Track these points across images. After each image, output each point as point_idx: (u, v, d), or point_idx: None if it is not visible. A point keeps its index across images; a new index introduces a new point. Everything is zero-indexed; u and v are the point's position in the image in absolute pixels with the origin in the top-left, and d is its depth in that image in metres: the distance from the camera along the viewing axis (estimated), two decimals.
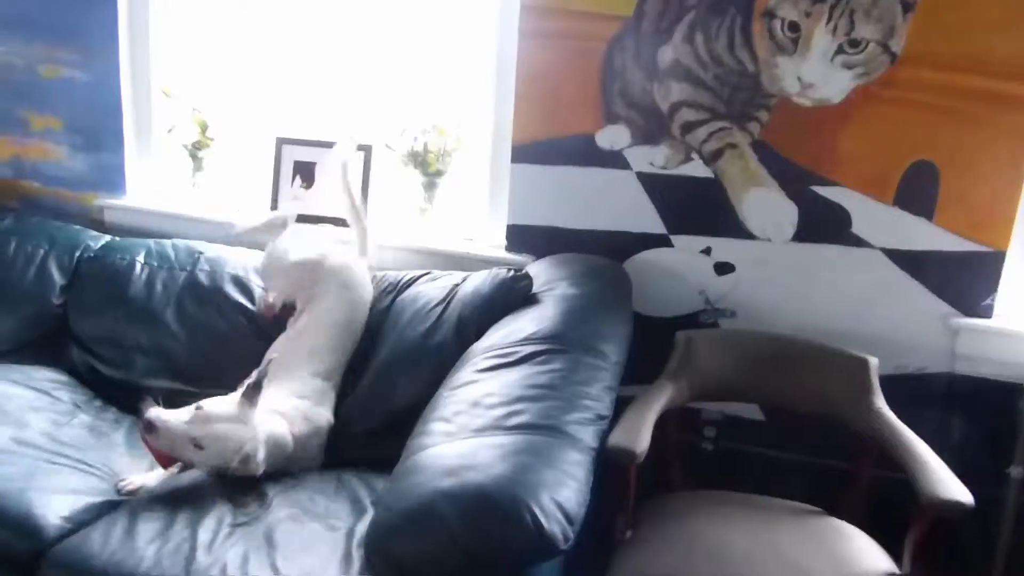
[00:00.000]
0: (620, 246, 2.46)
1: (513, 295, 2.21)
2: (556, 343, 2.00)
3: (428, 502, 1.59)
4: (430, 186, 2.64)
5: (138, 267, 2.56)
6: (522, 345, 2.01)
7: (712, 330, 2.33)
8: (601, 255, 2.42)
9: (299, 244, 2.44)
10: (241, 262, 2.57)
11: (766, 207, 2.34)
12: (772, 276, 2.37)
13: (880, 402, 2.05)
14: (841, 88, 2.21)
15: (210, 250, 2.61)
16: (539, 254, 2.52)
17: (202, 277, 2.52)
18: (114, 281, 2.55)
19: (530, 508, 1.53)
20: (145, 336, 2.47)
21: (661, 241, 2.45)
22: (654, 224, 2.44)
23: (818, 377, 2.13)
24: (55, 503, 1.84)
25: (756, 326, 2.36)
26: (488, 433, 1.74)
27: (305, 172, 2.76)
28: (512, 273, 2.23)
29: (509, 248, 2.58)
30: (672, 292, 2.46)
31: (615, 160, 2.43)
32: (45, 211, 2.93)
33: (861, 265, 2.30)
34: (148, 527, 1.80)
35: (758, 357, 2.18)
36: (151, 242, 2.65)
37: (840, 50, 2.18)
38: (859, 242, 2.29)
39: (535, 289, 2.23)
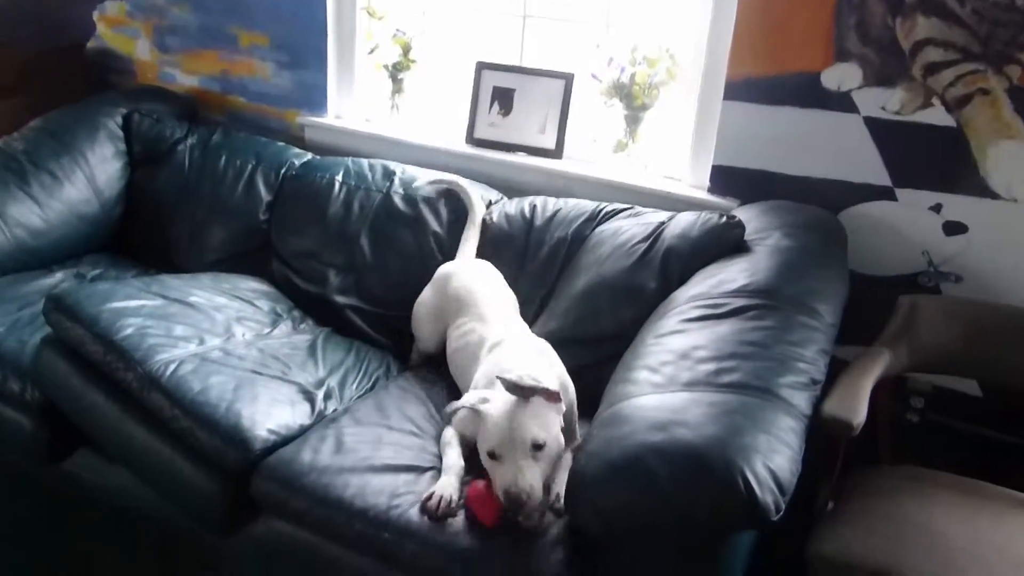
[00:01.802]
0: (836, 196, 2.29)
1: (723, 242, 2.09)
2: (769, 298, 1.89)
3: (635, 456, 1.53)
4: (633, 120, 2.53)
5: (337, 186, 2.60)
6: (733, 297, 1.90)
7: (941, 297, 2.13)
8: (814, 204, 2.27)
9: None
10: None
11: (1016, 163, 2.10)
12: (1011, 240, 2.14)
13: None
14: None
15: (405, 171, 2.61)
16: (744, 199, 2.39)
17: (396, 199, 2.53)
18: (315, 200, 2.60)
19: (743, 474, 1.46)
20: (340, 255, 2.52)
21: (884, 194, 2.25)
22: (878, 175, 2.25)
23: None
24: (260, 415, 1.90)
25: (983, 295, 2.16)
26: (698, 389, 1.66)
27: (504, 99, 2.70)
28: (724, 219, 2.12)
29: (712, 190, 2.44)
30: (890, 249, 2.27)
31: (841, 102, 2.23)
32: (249, 126, 3.01)
33: None
34: (355, 451, 1.85)
35: (991, 331, 1.99)
36: (349, 161, 2.68)
37: None
38: None
39: (745, 237, 2.10)
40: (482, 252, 2.43)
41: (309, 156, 2.76)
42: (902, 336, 2.00)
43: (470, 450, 1.80)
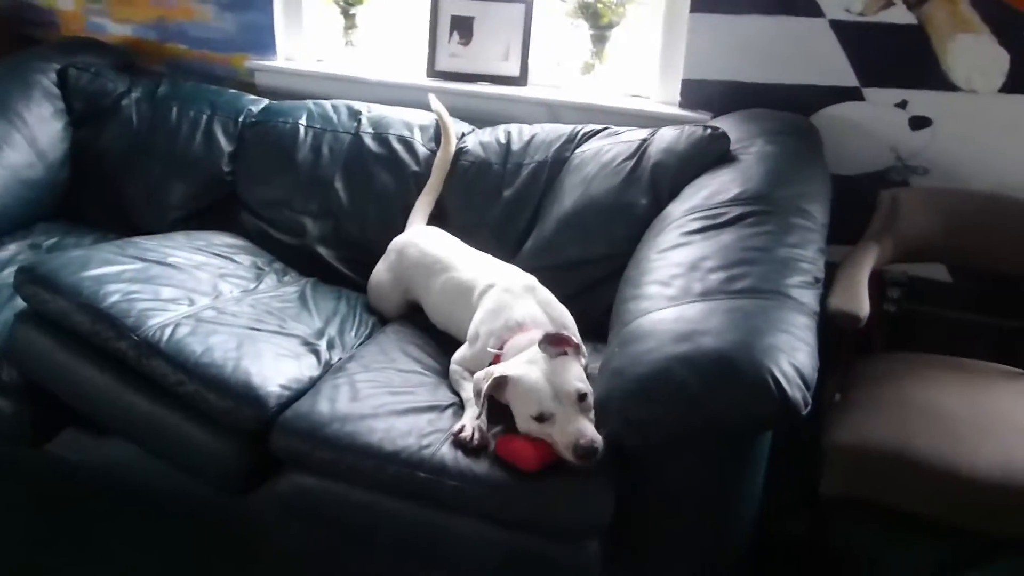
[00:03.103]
0: (806, 100, 2.33)
1: (709, 154, 2.12)
2: (764, 204, 1.93)
3: (664, 368, 1.57)
4: (600, 40, 2.51)
5: (302, 131, 2.52)
6: (730, 206, 1.94)
7: (918, 189, 2.21)
8: (786, 110, 2.31)
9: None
10: (405, 120, 2.50)
11: (974, 55, 2.17)
12: (973, 131, 2.22)
13: None
14: None
15: (371, 110, 2.54)
16: (716, 111, 2.41)
17: (368, 140, 2.47)
18: (280, 146, 2.51)
19: (772, 373, 1.51)
20: (315, 202, 2.46)
21: (852, 94, 2.30)
22: (845, 76, 2.29)
23: None
24: (269, 370, 1.85)
25: (949, 184, 2.25)
26: (713, 297, 1.70)
27: (463, 27, 2.64)
28: (708, 131, 2.14)
29: (684, 105, 2.46)
30: (860, 149, 2.33)
31: (806, 7, 2.26)
32: (193, 75, 2.87)
33: None
34: (371, 396, 1.82)
35: (965, 217, 2.08)
36: (310, 104, 2.59)
37: None
38: None
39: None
40: (458, 180, 2.40)
41: (266, 102, 2.65)
42: (886, 229, 2.07)
43: None
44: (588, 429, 1.61)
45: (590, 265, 2.18)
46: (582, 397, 1.65)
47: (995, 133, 2.21)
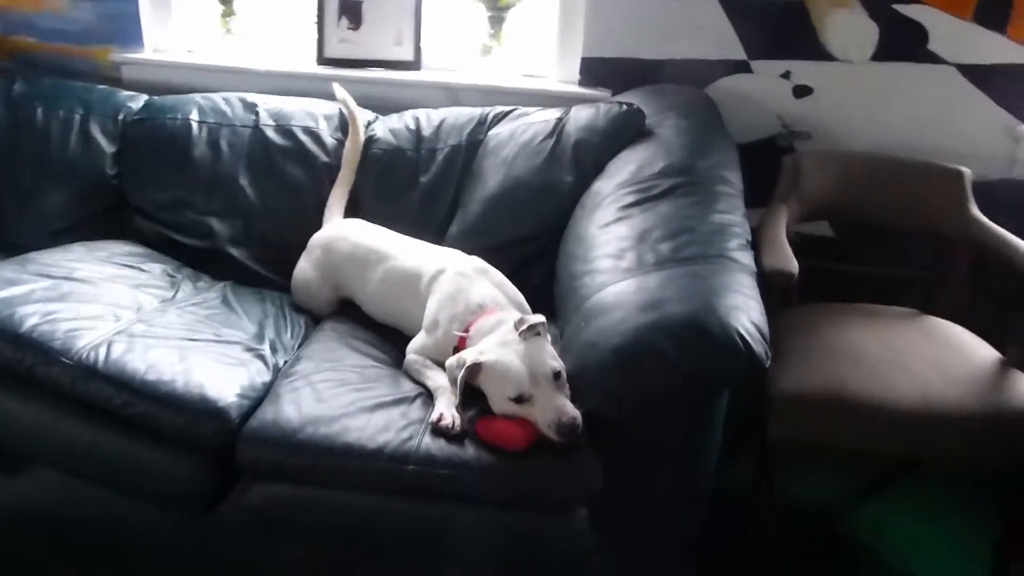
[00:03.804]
0: (699, 74, 2.46)
1: (628, 129, 2.20)
2: (690, 175, 2.03)
3: (638, 338, 1.63)
4: (497, 21, 2.53)
5: (195, 127, 2.37)
6: (659, 179, 2.03)
7: (816, 152, 2.37)
8: (682, 84, 2.43)
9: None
10: (306, 110, 2.42)
11: (849, 28, 2.37)
12: (849, 97, 2.44)
13: (976, 210, 2.20)
14: None
15: (268, 101, 2.44)
16: (615, 87, 2.49)
17: (270, 132, 2.37)
18: (172, 144, 2.36)
19: (739, 332, 1.60)
20: (219, 200, 2.34)
21: (741, 67, 2.46)
22: (734, 50, 2.44)
23: (916, 191, 2.25)
24: (221, 381, 1.76)
25: (832, 146, 2.45)
26: (667, 266, 1.79)
27: (352, 11, 2.57)
28: (624, 107, 2.21)
29: (583, 83, 2.53)
30: (750, 118, 2.49)
31: None
32: (47, 70, 2.62)
33: (934, 82, 2.38)
34: (336, 396, 1.77)
35: (858, 176, 2.28)
36: (197, 97, 2.44)
37: None
38: (934, 59, 2.37)
39: None
40: (370, 170, 2.36)
41: (144, 98, 2.48)
42: (791, 191, 2.24)
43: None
44: (568, 407, 1.65)
45: (520, 244, 2.21)
46: (557, 375, 1.68)
47: (867, 99, 2.43)
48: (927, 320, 2.18)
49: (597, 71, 2.50)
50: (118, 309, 1.90)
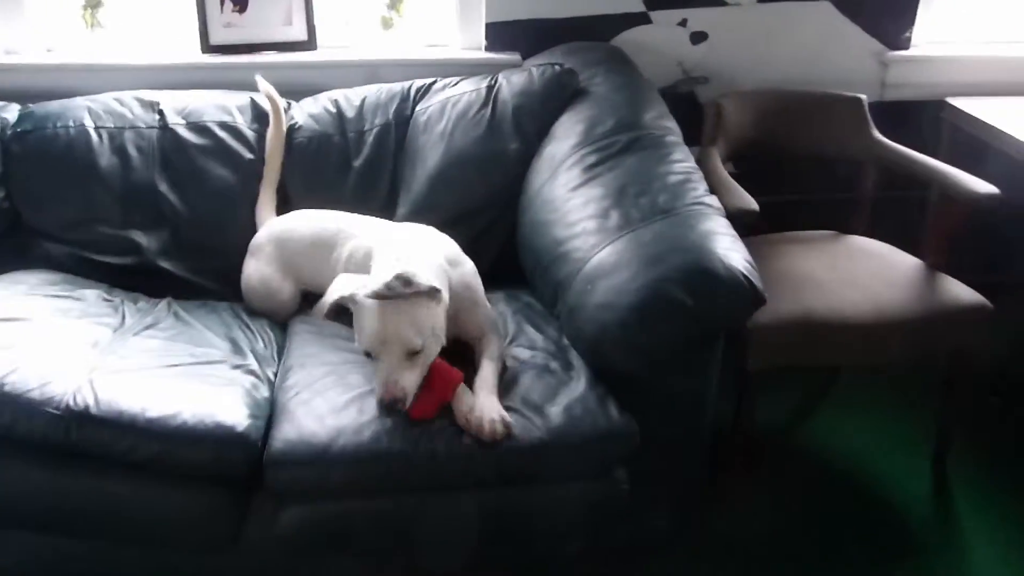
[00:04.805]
0: (604, 29, 2.52)
1: (565, 89, 2.21)
2: (640, 129, 2.09)
3: (654, 291, 1.67)
4: None
5: (93, 134, 2.12)
6: (614, 136, 2.06)
7: (734, 94, 2.46)
8: (589, 41, 2.47)
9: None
10: (216, 103, 2.23)
11: None
12: (740, 39, 2.58)
13: (876, 132, 2.42)
14: None
15: (168, 98, 2.22)
16: (523, 51, 2.49)
17: (183, 132, 2.16)
18: (70, 156, 2.09)
19: (741, 273, 1.69)
20: (138, 212, 2.12)
21: (640, 19, 2.53)
22: (633, 2, 2.51)
23: (822, 120, 2.44)
24: (226, 405, 1.62)
25: (727, 88, 2.59)
26: (654, 219, 1.84)
27: None
28: (556, 68, 2.22)
29: (490, 48, 2.50)
30: (653, 66, 2.55)
31: None
32: None
33: (813, 17, 2.58)
34: (352, 401, 1.67)
35: (771, 113, 2.43)
36: (84, 101, 2.18)
37: None
38: None
39: None
40: (298, 159, 2.22)
41: (17, 107, 2.17)
42: (717, 133, 2.35)
43: None
44: (395, 387, 1.54)
45: (472, 216, 2.18)
46: (412, 353, 1.57)
47: (756, 39, 2.59)
48: (849, 239, 2.39)
49: (503, 35, 2.49)
50: (78, 346, 1.69)
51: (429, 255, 1.77)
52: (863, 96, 2.45)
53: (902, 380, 2.52)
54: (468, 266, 1.90)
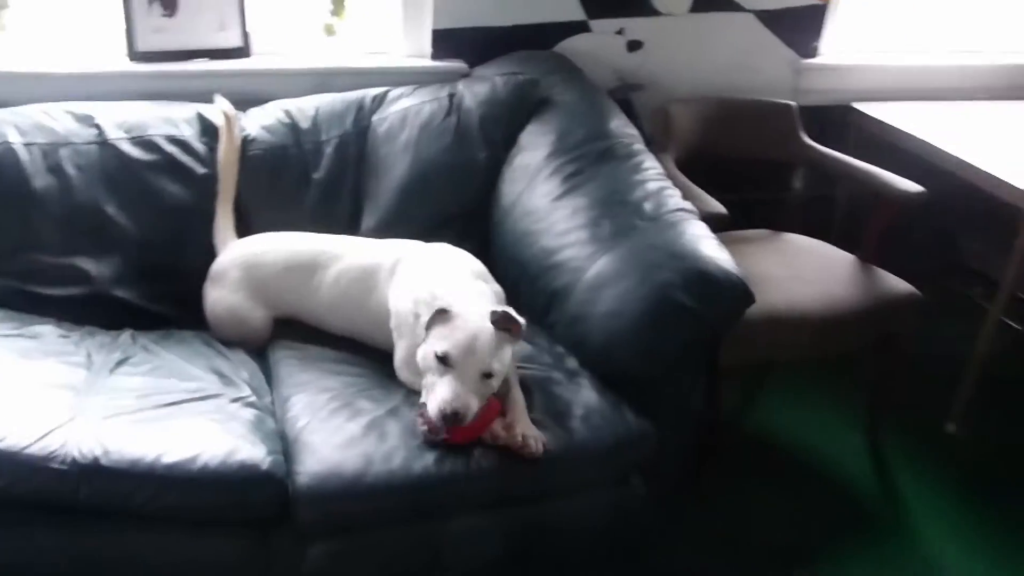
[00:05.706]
0: (546, 37, 2.52)
1: (530, 99, 2.21)
2: (610, 138, 2.12)
3: (660, 298, 1.72)
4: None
5: (22, 152, 1.90)
6: (587, 145, 2.09)
7: (682, 101, 2.54)
8: (533, 49, 2.47)
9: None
10: (160, 115, 2.07)
11: None
12: (672, 47, 2.66)
13: (805, 136, 2.56)
14: None
15: (104, 111, 2.03)
16: (469, 59, 2.46)
17: (126, 147, 1.98)
18: None
19: (737, 275, 1.76)
20: (83, 236, 1.92)
21: (581, 27, 2.56)
22: (574, 11, 2.54)
23: (757, 125, 2.56)
24: (239, 443, 1.50)
25: (661, 96, 2.67)
26: (648, 226, 1.87)
27: None
28: (520, 77, 2.21)
29: (436, 55, 2.45)
30: (591, 74, 2.57)
31: None
32: None
33: (737, 27, 2.69)
34: (371, 427, 1.60)
35: (712, 119, 2.52)
36: (7, 114, 1.95)
37: None
38: (737, 7, 2.67)
39: None
40: (253, 174, 2.09)
41: None
42: (667, 138, 2.42)
43: None
44: (460, 402, 1.51)
45: (442, 227, 2.13)
46: (487, 375, 1.56)
47: (687, 48, 2.67)
48: (787, 237, 2.52)
49: (448, 43, 2.45)
50: (58, 391, 1.52)
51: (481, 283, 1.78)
52: (792, 103, 2.59)
53: (823, 367, 2.67)
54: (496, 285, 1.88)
